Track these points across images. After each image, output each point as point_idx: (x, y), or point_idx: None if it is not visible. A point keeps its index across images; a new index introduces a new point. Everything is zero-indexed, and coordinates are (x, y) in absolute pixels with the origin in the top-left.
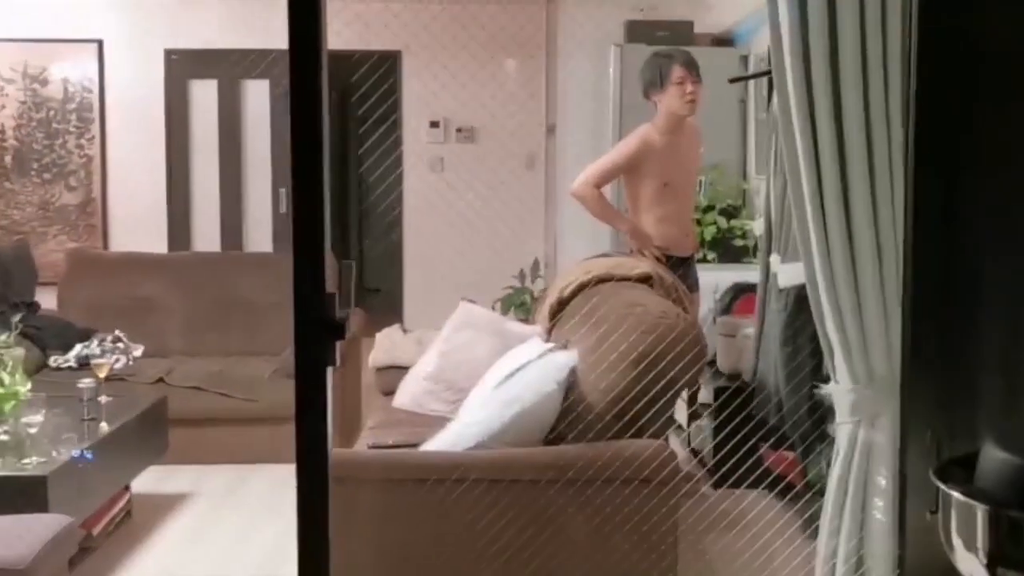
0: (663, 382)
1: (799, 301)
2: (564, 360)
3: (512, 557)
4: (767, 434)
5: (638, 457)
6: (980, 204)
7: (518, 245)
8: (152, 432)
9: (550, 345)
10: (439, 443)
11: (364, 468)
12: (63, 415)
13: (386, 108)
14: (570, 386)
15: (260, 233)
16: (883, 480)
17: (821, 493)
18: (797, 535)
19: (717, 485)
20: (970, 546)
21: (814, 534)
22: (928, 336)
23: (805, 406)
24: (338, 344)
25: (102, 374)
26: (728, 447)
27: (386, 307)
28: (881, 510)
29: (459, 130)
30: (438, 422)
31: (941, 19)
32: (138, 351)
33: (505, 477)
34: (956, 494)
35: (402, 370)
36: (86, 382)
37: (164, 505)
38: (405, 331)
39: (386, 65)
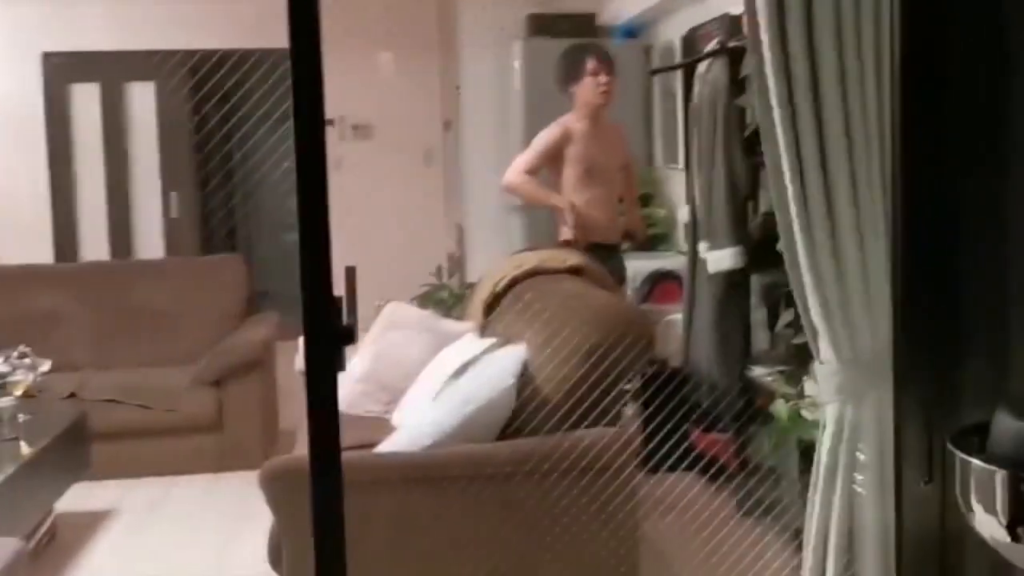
0: (616, 371)
1: (728, 286)
2: (515, 355)
3: (475, 552)
4: (699, 417)
5: (597, 445)
6: (969, 175)
7: (421, 242)
8: (74, 449)
9: (491, 341)
10: (394, 444)
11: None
12: None
13: (285, 109)
14: (523, 380)
15: (151, 239)
16: (862, 456)
17: (756, 472)
18: (733, 513)
19: (652, 470)
20: (989, 509)
21: (749, 512)
22: (919, 312)
23: (737, 387)
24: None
25: (19, 392)
26: (662, 432)
27: (283, 309)
28: (862, 484)
29: (355, 127)
30: (376, 423)
31: None
32: (45, 366)
33: (466, 474)
34: (976, 461)
35: None
36: (3, 401)
37: (89, 524)
38: None
39: (284, 64)
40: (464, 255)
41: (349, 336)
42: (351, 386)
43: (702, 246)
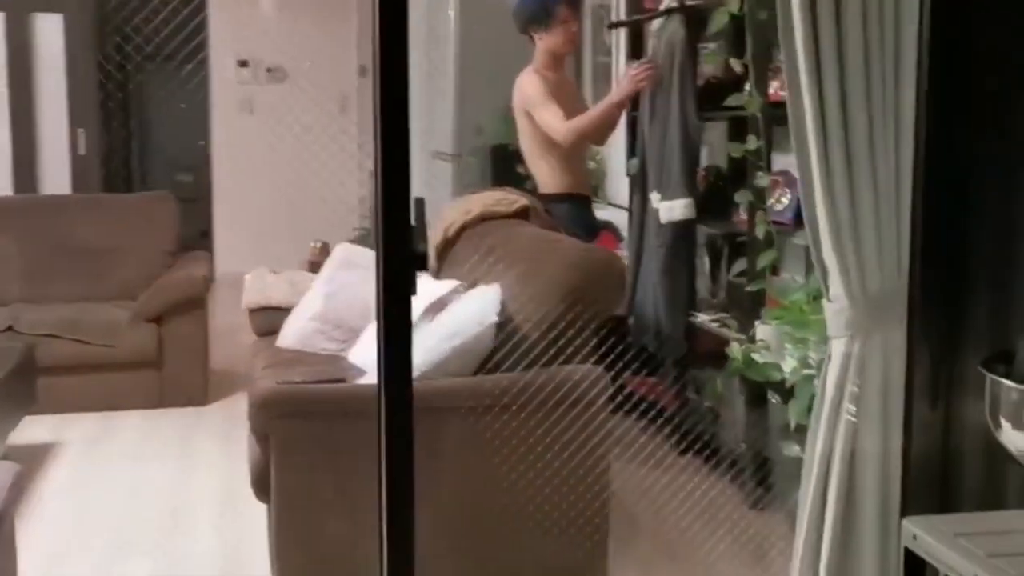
0: (592, 311)
1: (678, 235)
2: (494, 294)
3: (455, 483)
4: (641, 362)
5: (574, 380)
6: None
7: (334, 187)
8: (23, 382)
9: (454, 283)
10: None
11: (318, 402)
12: None
13: (193, 47)
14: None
15: (57, 175)
16: (856, 388)
17: (692, 413)
18: (670, 452)
19: None
20: (1018, 425)
21: (686, 450)
22: (931, 253)
23: (682, 331)
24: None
25: None
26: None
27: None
28: (860, 414)
29: (269, 70)
30: (331, 360)
31: None
32: None
33: (450, 405)
34: (1007, 381)
35: (276, 311)
36: None
37: (36, 456)
38: (274, 272)
39: (191, 4)
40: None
41: (423, 262)
42: (303, 323)
43: (653, 196)
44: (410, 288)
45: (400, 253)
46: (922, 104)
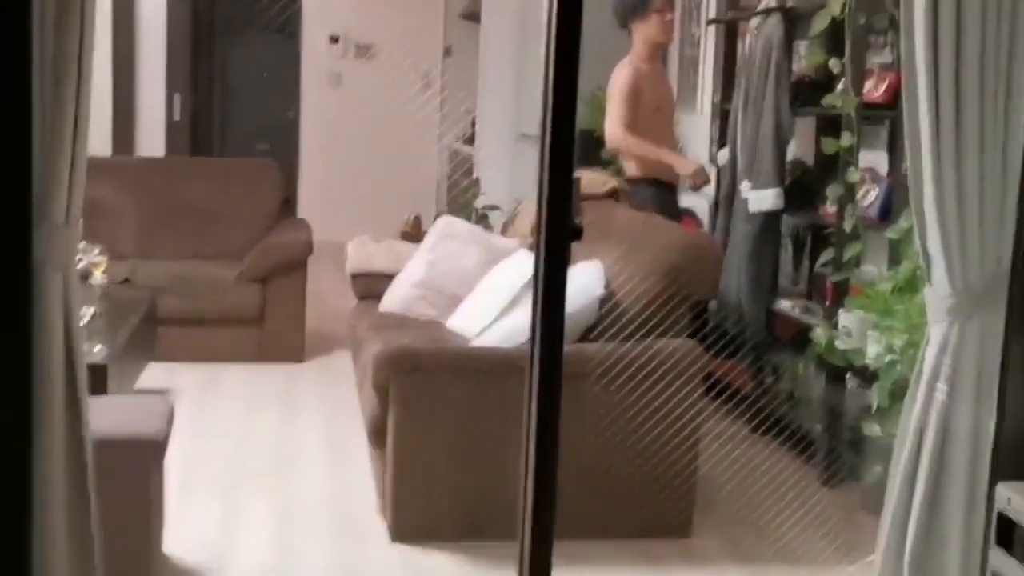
0: (690, 290)
1: (765, 224)
2: (598, 269)
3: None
4: (722, 345)
5: (674, 354)
6: None
7: (414, 164)
8: (149, 331)
9: None
10: (487, 339)
11: (440, 361)
12: None
13: (286, 19)
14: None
15: (153, 139)
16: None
17: (769, 395)
18: (748, 433)
19: None
20: None
21: (764, 431)
22: None
23: (763, 317)
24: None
25: (100, 271)
26: None
27: None
28: (944, 393)
29: (357, 46)
30: (431, 325)
31: None
32: (95, 252)
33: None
34: None
35: (377, 277)
36: (96, 280)
37: None
38: (375, 241)
39: None
40: (479, 179)
41: (579, 233)
42: (406, 290)
43: (743, 185)
44: (567, 258)
45: (561, 225)
46: None
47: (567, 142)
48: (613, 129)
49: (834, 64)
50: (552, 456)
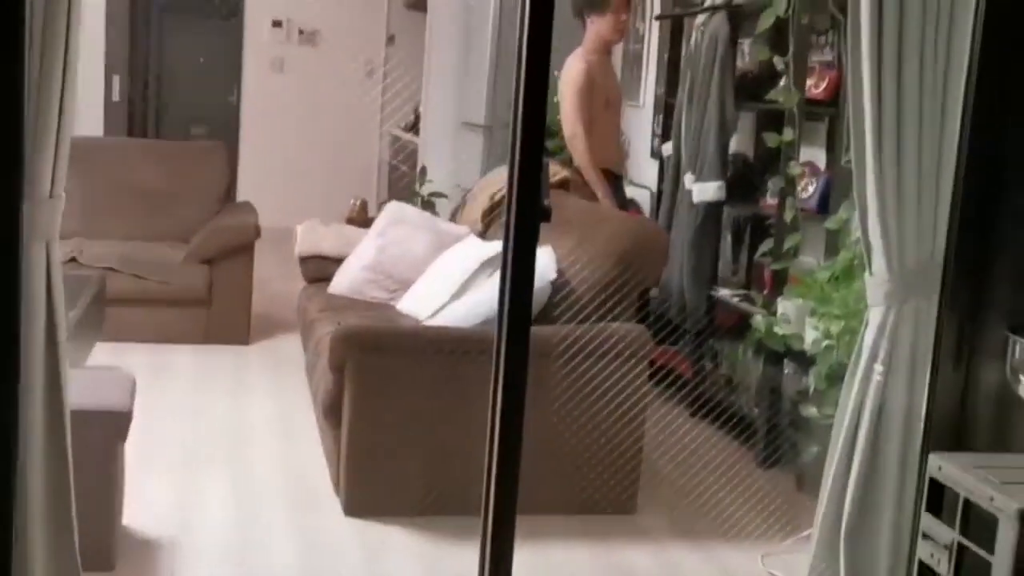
0: (639, 275)
1: (707, 215)
2: (550, 255)
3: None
4: (665, 332)
5: (622, 335)
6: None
7: (355, 150)
8: (97, 311)
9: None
10: (440, 320)
11: (397, 340)
12: None
13: (232, 3)
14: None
15: (91, 120)
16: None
17: (707, 381)
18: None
19: None
20: None
21: (703, 415)
22: (964, 236)
23: (704, 305)
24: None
25: None
26: None
27: None
28: (881, 373)
29: (301, 32)
30: (381, 307)
31: None
32: None
33: None
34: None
35: (326, 260)
36: None
37: None
38: (324, 225)
39: None
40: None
41: (548, 215)
42: (357, 273)
43: (687, 178)
44: (536, 239)
45: (531, 207)
46: (969, 101)
47: (538, 128)
48: (570, 126)
49: (778, 61)
50: (517, 434)
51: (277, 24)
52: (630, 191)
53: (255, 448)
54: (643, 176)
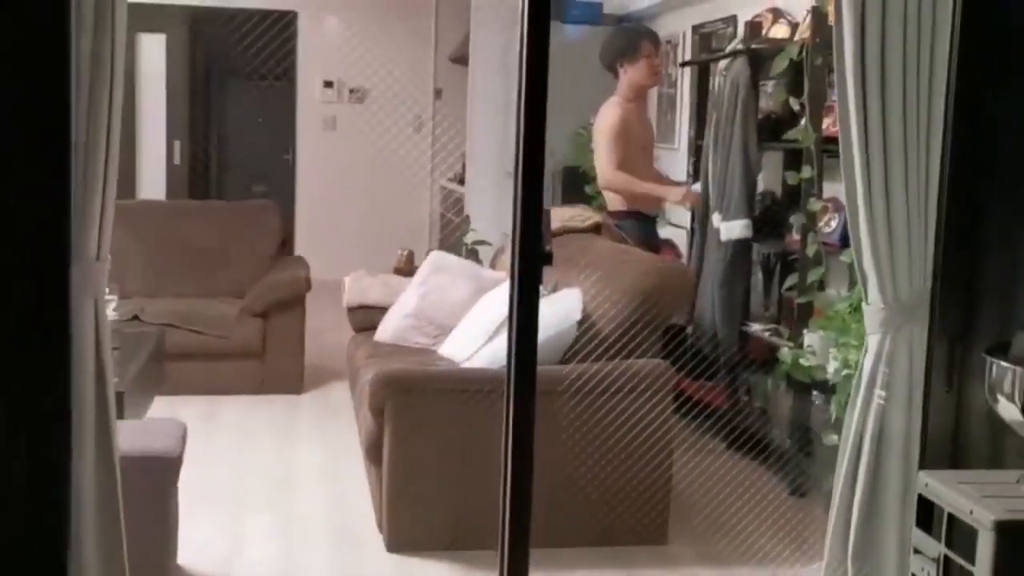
0: (663, 314)
1: (736, 252)
2: (576, 296)
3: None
4: (697, 367)
5: (646, 372)
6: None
7: (407, 203)
8: (157, 365)
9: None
10: (476, 361)
11: (431, 382)
12: None
13: (283, 65)
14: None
15: (154, 184)
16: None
17: (743, 413)
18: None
19: None
20: (1011, 399)
21: (739, 446)
22: (950, 267)
23: (736, 339)
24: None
25: (111, 309)
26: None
27: None
28: (883, 398)
29: (351, 91)
30: (424, 352)
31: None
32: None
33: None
34: (1002, 362)
35: (373, 309)
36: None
37: None
38: (370, 275)
39: (283, 23)
40: (469, 216)
41: (550, 259)
42: (400, 320)
43: (715, 217)
44: (539, 280)
45: (532, 252)
46: (947, 151)
47: (537, 178)
48: (605, 169)
49: (794, 102)
50: (527, 467)
51: (328, 84)
52: (667, 231)
53: (305, 491)
54: (679, 217)
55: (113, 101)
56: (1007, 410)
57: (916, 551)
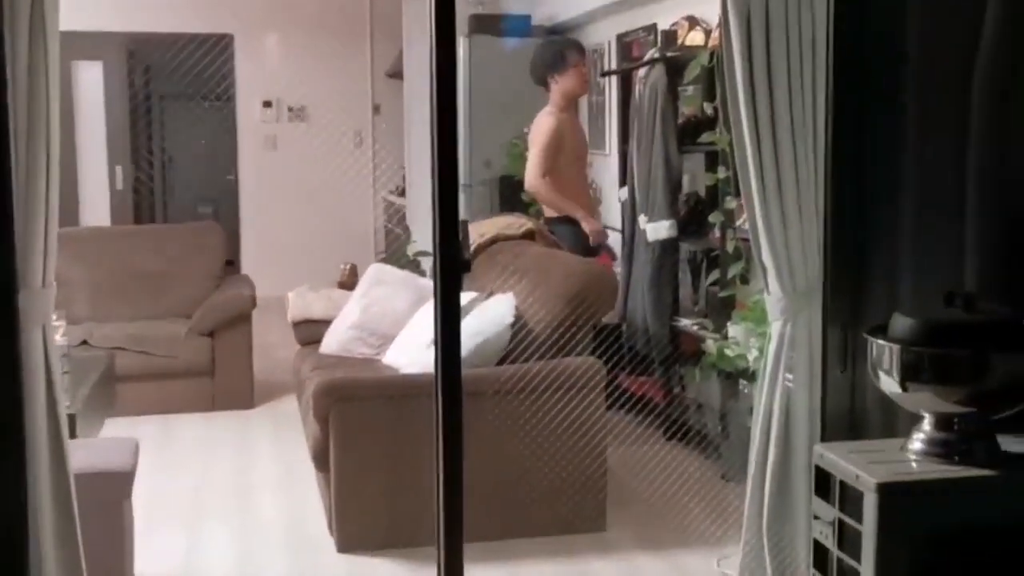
0: (590, 313)
1: (663, 252)
2: (509, 301)
3: (482, 454)
4: (632, 363)
5: (578, 370)
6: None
7: (350, 217)
8: (108, 388)
9: (474, 294)
10: (417, 367)
11: (370, 389)
12: None
13: (222, 86)
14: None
15: (98, 209)
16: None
17: (678, 405)
18: (660, 439)
19: None
20: (889, 373)
21: (673, 436)
22: (839, 256)
23: (667, 336)
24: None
25: (60, 335)
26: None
27: None
28: (791, 380)
29: (290, 109)
30: (368, 362)
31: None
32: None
33: (477, 390)
34: (880, 340)
35: (317, 323)
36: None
37: None
38: (313, 290)
39: (220, 45)
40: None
41: (468, 266)
42: (343, 332)
43: (641, 219)
44: (459, 286)
45: (452, 260)
46: (829, 155)
47: (452, 191)
48: (529, 175)
49: (707, 107)
50: (458, 465)
51: (267, 104)
52: None
53: (259, 500)
54: (614, 220)
55: (51, 129)
56: (888, 384)
57: (816, 517)
